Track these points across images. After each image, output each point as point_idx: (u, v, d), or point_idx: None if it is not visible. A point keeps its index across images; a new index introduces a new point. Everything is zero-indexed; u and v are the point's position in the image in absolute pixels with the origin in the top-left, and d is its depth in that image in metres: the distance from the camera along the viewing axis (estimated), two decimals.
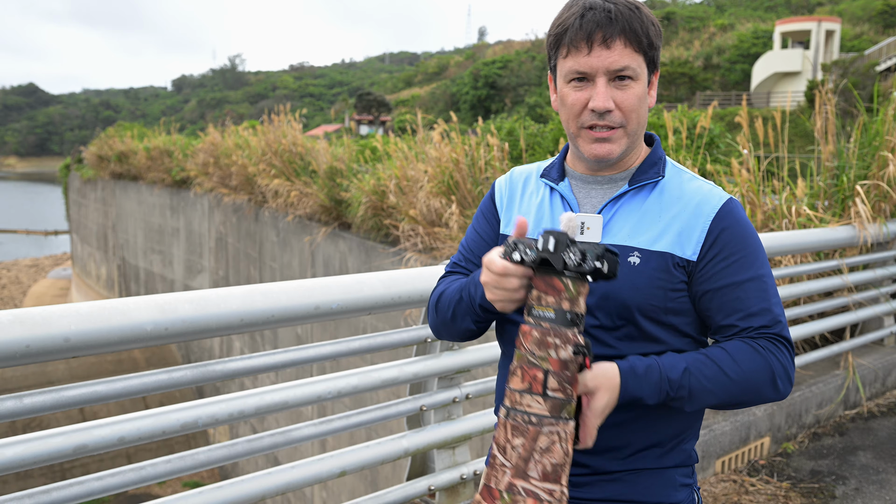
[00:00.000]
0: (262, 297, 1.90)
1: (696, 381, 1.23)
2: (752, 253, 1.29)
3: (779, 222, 4.46)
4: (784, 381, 1.26)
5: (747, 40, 39.40)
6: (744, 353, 1.25)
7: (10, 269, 38.20)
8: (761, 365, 1.24)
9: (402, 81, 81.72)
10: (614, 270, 1.15)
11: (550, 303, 1.15)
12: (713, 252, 1.27)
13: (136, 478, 1.77)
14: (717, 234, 1.28)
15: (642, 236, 1.29)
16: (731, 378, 1.23)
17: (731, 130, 11.52)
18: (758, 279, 1.28)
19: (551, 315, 1.15)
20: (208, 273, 15.70)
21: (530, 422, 1.14)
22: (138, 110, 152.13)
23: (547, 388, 1.14)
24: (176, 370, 1.82)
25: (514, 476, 1.14)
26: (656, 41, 1.28)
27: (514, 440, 1.15)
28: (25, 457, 1.58)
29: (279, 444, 2.05)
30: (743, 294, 1.27)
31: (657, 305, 1.28)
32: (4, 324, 1.51)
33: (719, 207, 1.29)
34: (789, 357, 1.27)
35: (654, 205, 1.31)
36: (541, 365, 1.14)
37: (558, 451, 1.14)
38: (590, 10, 1.24)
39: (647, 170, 1.34)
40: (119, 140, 21.21)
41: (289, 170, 10.74)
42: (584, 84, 1.27)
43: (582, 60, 1.25)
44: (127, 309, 1.67)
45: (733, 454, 3.54)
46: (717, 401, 1.26)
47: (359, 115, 47.33)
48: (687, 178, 1.35)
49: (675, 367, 1.23)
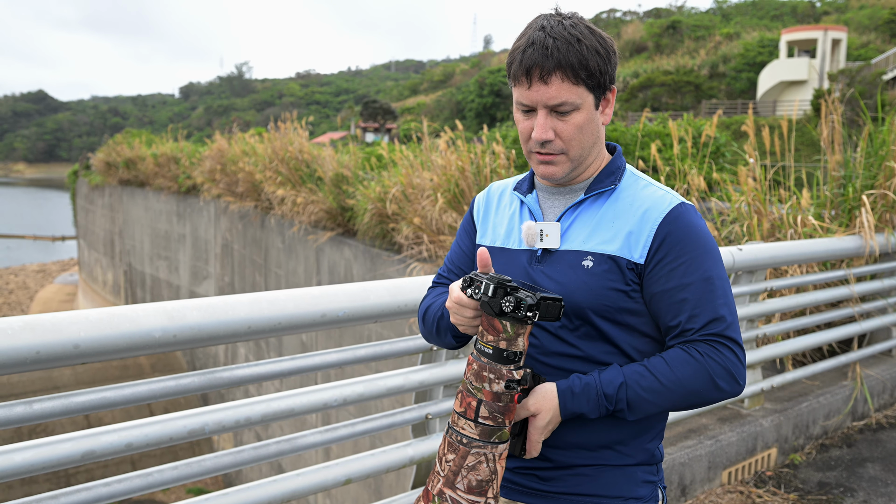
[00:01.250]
0: (268, 304, 1.91)
1: (634, 392, 1.31)
2: (699, 256, 1.33)
3: (784, 232, 4.45)
4: (727, 380, 1.31)
5: (753, 49, 39.40)
6: (680, 360, 1.32)
7: (17, 274, 38.35)
8: (697, 370, 1.30)
9: (408, 89, 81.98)
10: (554, 315, 1.25)
11: (490, 340, 1.27)
12: (660, 255, 1.33)
13: (144, 484, 1.78)
14: (662, 237, 1.33)
15: (595, 240, 1.37)
16: (666, 386, 1.31)
17: (737, 139, 11.51)
18: (704, 281, 1.33)
19: (489, 351, 1.27)
20: (214, 279, 15.73)
21: (461, 441, 1.28)
22: (146, 117, 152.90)
23: (479, 415, 1.26)
24: (183, 377, 1.83)
25: (444, 485, 1.28)
26: (602, 67, 1.32)
27: (448, 454, 1.30)
28: (35, 462, 1.59)
29: (285, 451, 2.05)
30: (688, 296, 1.32)
31: (610, 306, 1.35)
32: (15, 330, 1.52)
33: (667, 212, 1.35)
34: (733, 357, 1.32)
35: (608, 211, 1.39)
36: (475, 395, 1.27)
37: (484, 470, 1.27)
38: (531, 45, 1.30)
39: (604, 179, 1.42)
40: (127, 147, 21.31)
41: (295, 177, 10.77)
42: (529, 114, 1.36)
43: (524, 93, 1.33)
44: (136, 316, 1.68)
45: (740, 465, 3.53)
46: (658, 409, 1.34)
47: (364, 122, 47.48)
48: (642, 185, 1.42)
49: (612, 383, 1.31)
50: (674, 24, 49.49)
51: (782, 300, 3.82)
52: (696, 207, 1.41)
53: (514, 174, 6.76)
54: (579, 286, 1.35)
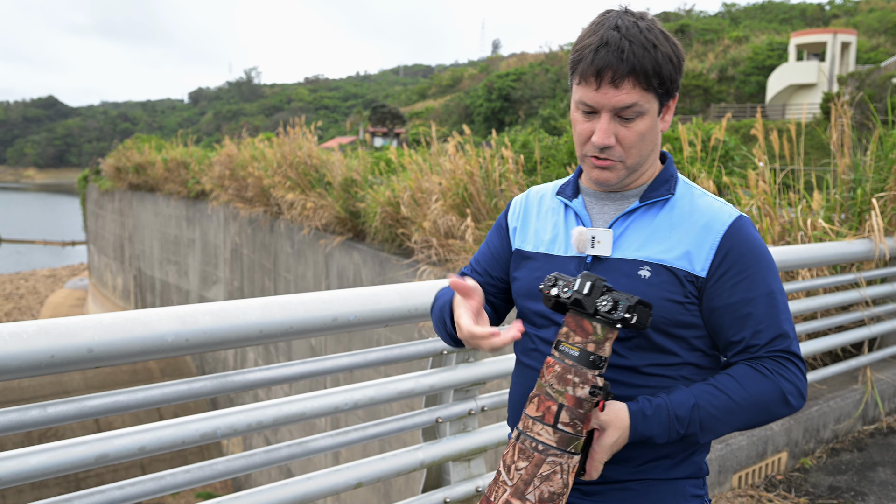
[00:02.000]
0: (280, 308, 1.92)
1: (706, 412, 1.27)
2: (761, 270, 1.31)
3: (794, 235, 4.44)
4: (795, 397, 1.29)
5: (762, 52, 39.30)
6: (751, 377, 1.28)
7: (27, 279, 38.59)
8: (770, 387, 1.27)
9: (417, 94, 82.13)
10: (644, 322, 1.21)
11: (577, 342, 1.22)
12: (723, 269, 1.30)
13: (156, 487, 1.79)
14: (726, 251, 1.30)
15: (652, 250, 1.32)
16: (739, 405, 1.27)
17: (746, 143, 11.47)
18: (767, 296, 1.30)
19: (575, 354, 1.21)
20: (223, 284, 15.79)
21: (536, 448, 1.21)
22: (155, 122, 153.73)
23: (559, 421, 1.20)
24: (195, 381, 1.84)
25: (512, 495, 1.20)
26: (673, 75, 1.29)
27: (519, 462, 1.22)
28: (49, 465, 1.61)
29: (296, 454, 2.06)
30: (752, 310, 1.29)
31: (667, 318, 1.30)
32: (30, 334, 1.54)
33: (729, 224, 1.31)
34: (799, 373, 1.30)
35: (664, 220, 1.34)
36: (556, 399, 1.21)
37: (558, 482, 1.20)
38: (605, 45, 1.24)
39: (659, 187, 1.37)
40: (137, 152, 21.44)
41: (304, 182, 10.81)
42: (590, 116, 1.30)
43: (590, 95, 1.27)
44: (149, 320, 1.70)
45: (750, 469, 3.51)
46: (731, 428, 1.30)
47: (373, 127, 47.58)
48: (698, 194, 1.38)
49: (684, 404, 1.27)
50: (682, 28, 49.40)
51: (792, 304, 3.81)
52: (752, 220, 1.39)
53: (522, 179, 6.77)
54: (637, 295, 1.28)
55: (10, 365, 1.50)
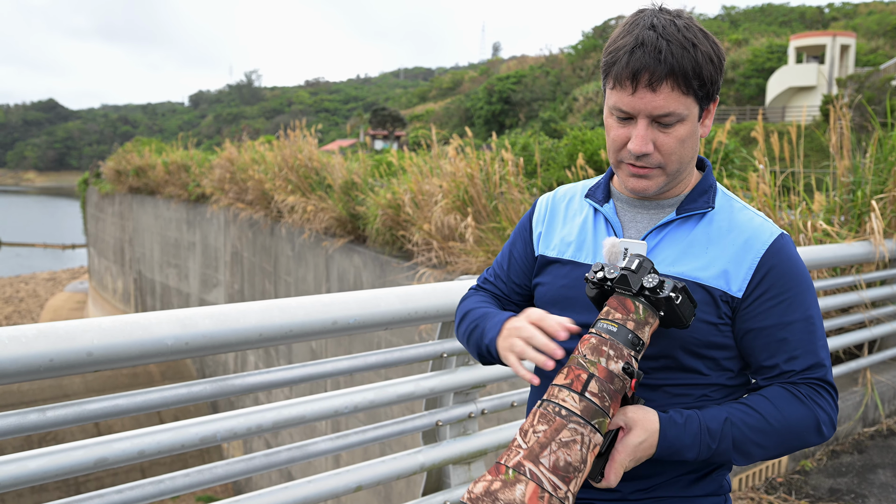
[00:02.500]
0: (280, 312, 1.92)
1: (739, 430, 1.20)
2: (801, 293, 1.24)
3: (794, 237, 4.44)
4: (828, 427, 1.24)
5: (762, 55, 39.33)
6: (786, 400, 1.22)
7: (27, 282, 38.59)
8: (805, 413, 1.22)
9: (417, 97, 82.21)
10: (686, 314, 1.16)
11: (617, 318, 1.17)
12: (760, 290, 1.23)
13: (155, 491, 1.79)
14: (766, 271, 1.23)
15: (687, 266, 1.25)
16: (774, 427, 1.21)
17: (746, 145, 11.49)
18: (805, 321, 1.24)
19: (613, 329, 1.16)
20: (224, 287, 15.79)
21: (559, 413, 1.12)
22: (156, 125, 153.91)
23: (587, 389, 1.13)
24: (195, 384, 1.84)
25: (525, 457, 1.09)
26: (714, 76, 1.20)
27: (537, 426, 1.12)
28: (48, 469, 1.60)
29: (296, 458, 2.06)
30: (789, 335, 1.23)
31: (698, 339, 1.24)
32: (29, 338, 1.54)
33: (770, 243, 1.24)
34: (833, 403, 1.25)
35: (701, 235, 1.27)
36: (588, 368, 1.14)
37: (576, 452, 1.10)
38: (640, 46, 1.16)
39: (697, 198, 1.29)
40: (137, 155, 21.46)
41: (304, 184, 10.82)
42: (626, 122, 1.22)
43: (626, 99, 1.19)
44: (148, 324, 1.70)
45: (750, 471, 3.51)
46: (763, 451, 1.23)
47: (373, 129, 47.62)
48: (738, 207, 1.31)
49: (716, 418, 1.21)
50: None
51: None
52: (792, 238, 1.34)
53: (522, 181, 6.77)
54: None
55: (10, 369, 1.50)
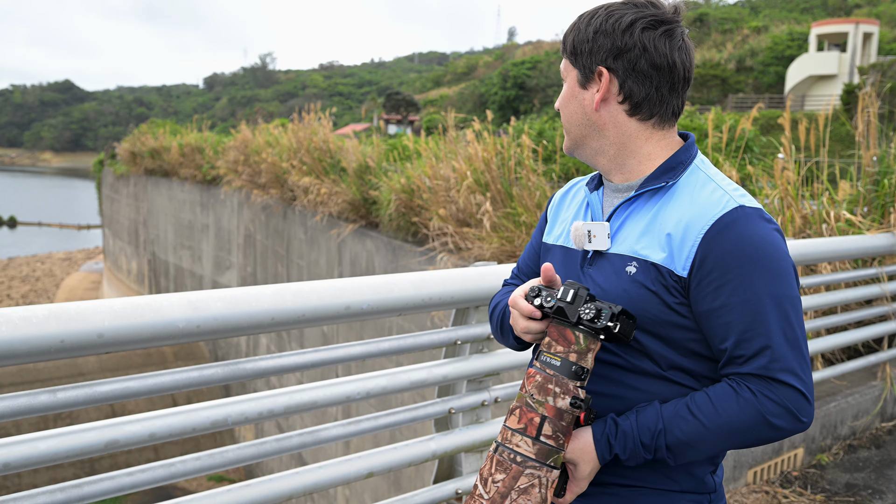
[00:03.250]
0: (292, 296, 1.89)
1: (674, 438, 1.20)
2: (752, 271, 1.16)
3: (816, 227, 4.36)
4: (785, 418, 1.17)
5: (782, 42, 38.76)
6: (726, 400, 1.18)
7: (43, 261, 38.97)
8: (747, 411, 1.17)
9: (431, 81, 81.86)
10: (628, 333, 1.19)
11: (559, 352, 1.20)
12: (705, 269, 1.18)
13: (167, 474, 1.77)
14: (708, 249, 1.18)
15: (643, 244, 1.25)
16: (711, 430, 1.18)
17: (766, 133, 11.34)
18: (752, 301, 1.16)
19: (557, 363, 1.20)
20: (236, 269, 15.85)
21: (515, 460, 1.19)
22: (170, 107, 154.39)
23: (541, 433, 1.19)
24: (207, 367, 1.82)
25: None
26: (581, 44, 1.30)
27: (496, 475, 1.19)
28: (59, 450, 1.59)
29: (308, 443, 2.04)
30: (734, 318, 1.17)
31: (650, 318, 1.23)
32: (40, 318, 1.52)
33: (716, 219, 1.18)
34: (792, 391, 1.16)
35: (660, 212, 1.26)
36: (538, 409, 1.19)
37: (535, 495, 1.17)
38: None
39: (660, 175, 1.28)
40: (152, 137, 21.52)
41: (318, 167, 10.80)
42: None
43: None
44: (160, 306, 1.67)
45: (766, 465, 3.47)
46: (705, 454, 1.23)
47: (387, 114, 47.49)
48: (702, 181, 1.26)
49: (650, 430, 1.21)
50: (701, 17, 48.83)
51: (812, 298, 3.74)
52: (762, 212, 1.22)
53: (541, 167, 6.71)
54: (620, 294, 1.25)
55: (21, 349, 1.49)
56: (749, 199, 1.24)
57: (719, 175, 1.30)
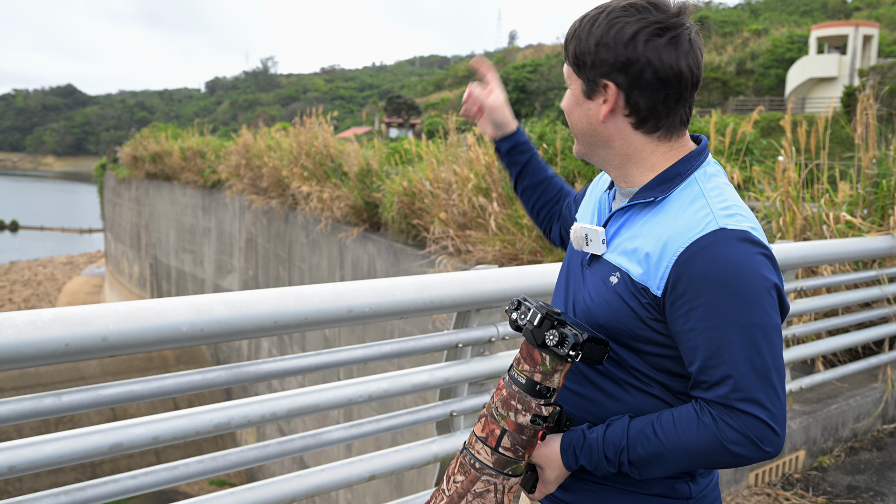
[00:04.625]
0: (295, 299, 1.90)
1: (637, 455, 1.22)
2: (722, 298, 1.14)
3: (817, 229, 4.37)
4: (745, 446, 1.15)
5: (782, 45, 38.82)
6: (687, 423, 1.19)
7: (45, 265, 39.02)
8: (705, 436, 1.17)
9: (432, 85, 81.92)
10: (597, 357, 1.20)
11: (525, 370, 1.23)
12: (678, 291, 1.17)
13: (170, 477, 1.78)
14: (681, 272, 1.16)
15: (629, 256, 1.25)
16: (670, 451, 1.20)
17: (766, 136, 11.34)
18: (722, 329, 1.14)
19: (522, 381, 1.23)
20: (238, 273, 15.87)
21: (474, 465, 1.25)
22: (172, 111, 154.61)
23: (500, 445, 1.23)
24: (210, 371, 1.83)
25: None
26: (583, 55, 1.26)
27: (457, 475, 1.26)
28: (64, 453, 1.60)
29: (310, 446, 2.05)
30: (700, 343, 1.16)
31: (625, 330, 1.24)
32: (45, 322, 1.53)
33: (692, 241, 1.16)
34: (754, 420, 1.14)
35: (646, 226, 1.25)
36: (500, 422, 1.23)
37: (490, 500, 1.23)
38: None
39: (654, 186, 1.26)
40: (153, 141, 21.55)
41: (319, 171, 10.81)
42: None
43: None
44: (163, 310, 1.68)
45: (767, 467, 3.47)
46: (667, 471, 1.23)
47: (388, 117, 47.53)
48: (692, 197, 1.23)
49: (615, 445, 1.24)
50: (701, 20, 48.92)
51: (812, 300, 3.75)
52: (746, 234, 1.17)
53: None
54: (602, 303, 1.27)
55: (26, 353, 1.50)
56: (738, 219, 1.19)
57: (716, 190, 1.25)
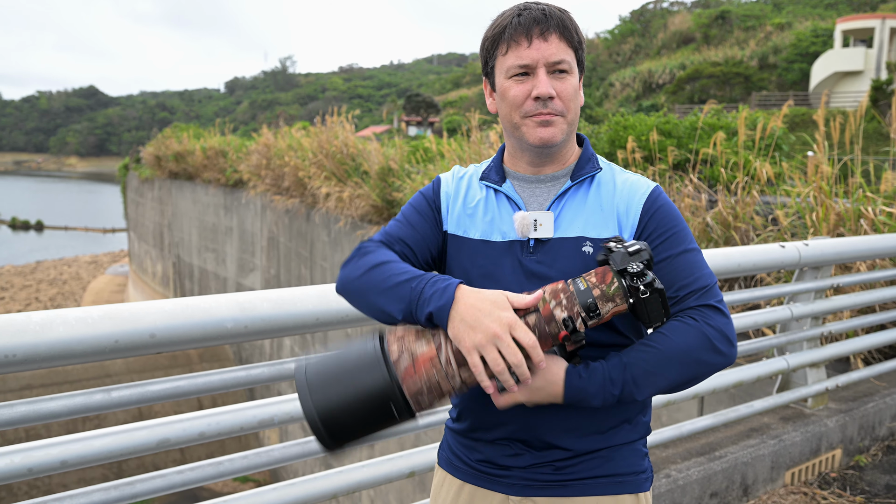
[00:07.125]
0: (337, 297, 1.90)
1: (638, 368, 1.29)
2: (682, 230, 1.41)
3: (850, 224, 4.30)
4: (722, 342, 1.31)
5: (806, 39, 38.29)
6: (676, 329, 1.31)
7: (70, 265, 39.55)
8: (694, 335, 1.30)
9: (450, 83, 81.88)
10: (655, 314, 1.23)
11: (591, 282, 1.24)
12: (648, 230, 1.39)
13: (215, 472, 1.80)
14: (650, 215, 1.39)
15: (589, 227, 1.39)
16: (667, 355, 1.29)
17: (791, 131, 11.21)
18: (687, 252, 1.39)
19: (581, 287, 1.23)
20: (260, 271, 15.97)
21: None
22: (192, 112, 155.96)
23: (525, 318, 1.22)
24: (254, 367, 1.84)
25: (443, 334, 1.25)
26: (584, 43, 1.41)
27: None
28: (113, 449, 1.62)
29: None
30: (678, 266, 1.37)
31: None
32: (95, 319, 1.55)
33: (649, 192, 1.41)
34: (723, 318, 1.34)
35: (594, 197, 1.42)
36: (539, 305, 1.22)
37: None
38: (525, 10, 1.35)
39: (584, 165, 1.44)
40: (175, 140, 21.75)
41: (340, 171, 10.85)
42: (525, 77, 1.35)
43: (523, 53, 1.34)
44: (209, 307, 1.70)
45: (803, 466, 3.43)
46: (666, 381, 1.30)
47: (407, 116, 47.60)
48: (617, 170, 1.47)
49: (616, 366, 1.30)
50: (723, 15, 48.41)
51: (849, 297, 3.70)
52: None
53: None
54: (581, 271, 1.32)
55: (77, 349, 1.51)
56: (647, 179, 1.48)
57: (609, 162, 1.51)
